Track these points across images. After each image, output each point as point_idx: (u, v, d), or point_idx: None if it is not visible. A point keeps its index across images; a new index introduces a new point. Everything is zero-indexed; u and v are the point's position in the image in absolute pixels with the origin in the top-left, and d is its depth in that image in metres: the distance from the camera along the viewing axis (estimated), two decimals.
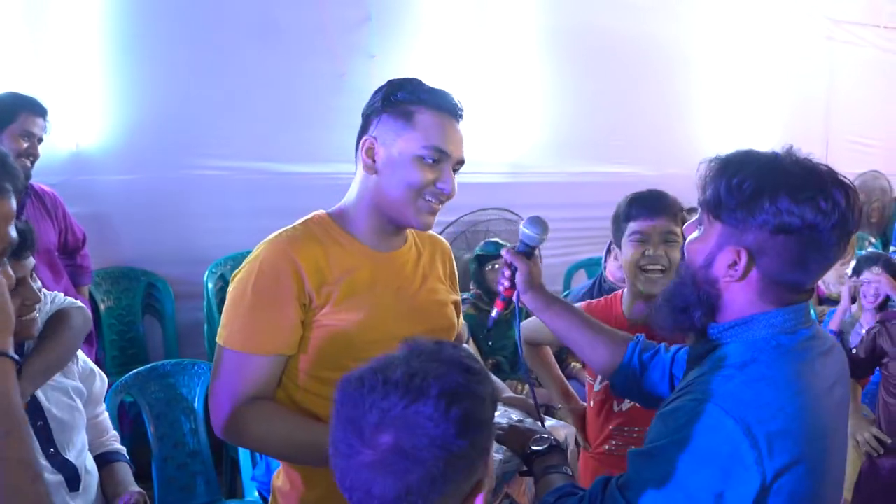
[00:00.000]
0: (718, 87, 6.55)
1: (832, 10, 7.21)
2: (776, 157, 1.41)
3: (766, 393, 1.32)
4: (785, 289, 1.40)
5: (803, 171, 1.37)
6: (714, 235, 1.42)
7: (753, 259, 1.37)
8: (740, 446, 1.28)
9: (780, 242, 1.34)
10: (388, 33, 5.06)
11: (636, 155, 6.04)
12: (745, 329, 1.41)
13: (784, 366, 1.36)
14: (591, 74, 5.83)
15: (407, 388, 1.08)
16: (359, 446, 1.08)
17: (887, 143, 7.66)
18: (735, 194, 1.37)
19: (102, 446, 2.33)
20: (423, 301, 1.89)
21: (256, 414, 1.69)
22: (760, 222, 1.34)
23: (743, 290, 1.41)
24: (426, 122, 1.73)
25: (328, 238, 1.78)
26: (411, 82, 1.77)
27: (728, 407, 1.30)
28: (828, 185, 1.34)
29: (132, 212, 4.46)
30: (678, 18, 6.27)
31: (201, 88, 4.55)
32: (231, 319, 1.72)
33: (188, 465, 3.15)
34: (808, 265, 1.38)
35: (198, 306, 4.53)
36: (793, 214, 1.32)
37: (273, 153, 4.80)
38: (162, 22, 4.44)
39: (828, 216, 1.32)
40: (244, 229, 4.69)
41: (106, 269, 4.41)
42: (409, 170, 1.72)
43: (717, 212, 1.40)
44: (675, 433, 1.34)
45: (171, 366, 3.25)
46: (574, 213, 5.72)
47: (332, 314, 1.72)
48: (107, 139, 4.40)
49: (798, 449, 1.30)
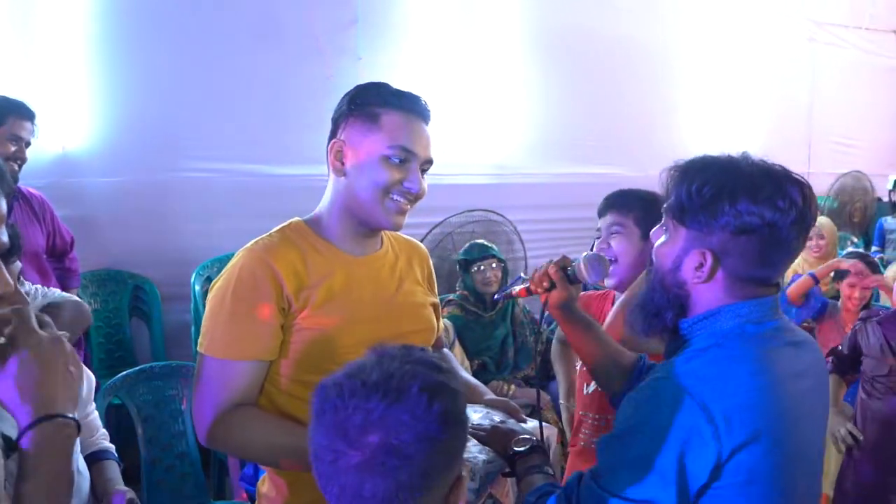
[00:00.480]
0: (702, 89, 6.61)
1: (814, 13, 7.28)
2: (733, 161, 1.46)
3: (726, 370, 1.39)
4: (751, 284, 1.46)
5: (760, 172, 1.42)
6: (679, 240, 1.47)
7: (719, 260, 1.43)
8: (697, 421, 1.32)
9: (743, 242, 1.40)
10: (374, 35, 5.08)
11: (620, 156, 6.08)
12: (712, 321, 1.47)
13: (747, 349, 1.42)
14: (576, 76, 5.87)
15: (387, 388, 1.11)
16: (345, 449, 1.10)
17: (869, 143, 7.74)
18: (696, 199, 1.42)
19: (93, 445, 2.34)
20: (401, 303, 1.91)
21: (239, 420, 1.70)
22: (722, 224, 1.40)
23: (710, 289, 1.46)
24: (392, 123, 1.74)
25: (305, 244, 1.80)
26: (378, 86, 1.80)
27: (686, 383, 1.36)
28: (784, 184, 1.40)
29: (119, 214, 4.46)
30: (662, 21, 6.31)
31: (188, 91, 4.56)
32: (211, 327, 1.73)
33: (176, 466, 3.16)
34: (771, 261, 1.43)
35: (185, 308, 4.53)
36: (752, 214, 1.38)
37: (260, 155, 4.81)
38: (148, 24, 4.44)
39: (786, 214, 1.38)
40: (231, 231, 4.69)
41: (93, 272, 4.41)
42: (375, 170, 1.74)
43: (681, 217, 1.46)
44: (636, 412, 1.41)
45: (160, 368, 3.26)
46: (559, 214, 5.77)
47: (311, 318, 1.73)
48: (93, 142, 4.40)
49: (757, 424, 1.35)
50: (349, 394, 1.12)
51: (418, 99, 1.80)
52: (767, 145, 6.77)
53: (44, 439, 1.24)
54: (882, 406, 2.91)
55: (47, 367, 1.27)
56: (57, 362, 1.28)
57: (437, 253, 5.15)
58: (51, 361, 1.28)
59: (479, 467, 1.63)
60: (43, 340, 1.28)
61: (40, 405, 1.25)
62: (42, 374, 1.26)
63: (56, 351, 1.29)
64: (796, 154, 7.30)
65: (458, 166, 5.31)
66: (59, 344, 1.30)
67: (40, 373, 1.26)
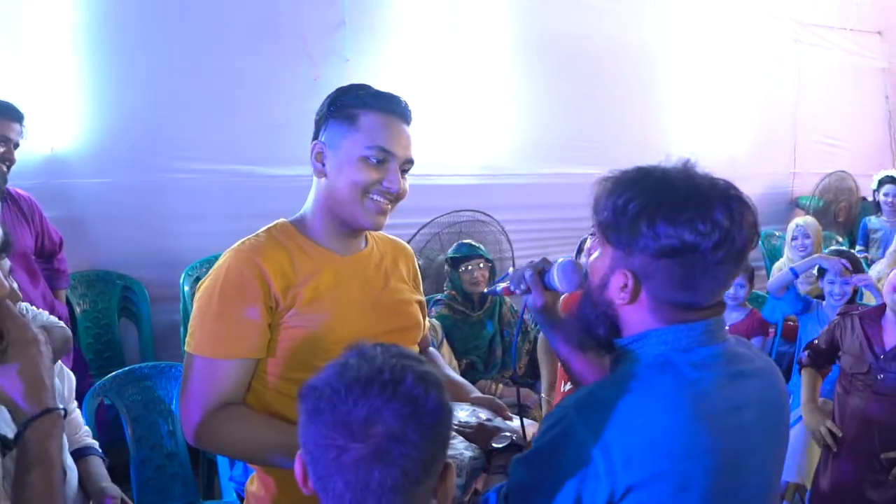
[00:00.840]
0: (688, 90, 6.64)
1: (800, 14, 7.31)
2: (665, 177, 1.36)
3: (635, 406, 1.30)
4: (677, 308, 1.38)
5: (686, 191, 1.33)
6: (607, 257, 1.40)
7: (639, 282, 1.36)
8: (591, 453, 1.27)
9: (663, 265, 1.32)
10: (362, 37, 5.09)
11: (607, 156, 6.06)
12: (639, 345, 1.40)
13: (663, 383, 1.34)
14: (563, 77, 5.89)
15: (382, 381, 1.13)
16: (347, 444, 1.11)
17: (854, 144, 7.78)
18: (619, 217, 1.35)
19: (77, 442, 2.36)
20: (388, 300, 1.93)
21: (226, 419, 1.71)
22: (642, 246, 1.32)
23: (636, 310, 1.39)
24: (370, 124, 1.76)
25: (291, 244, 1.82)
26: (358, 87, 1.81)
27: (586, 414, 1.31)
28: (709, 205, 1.31)
29: (107, 215, 4.46)
30: (648, 23, 6.34)
31: (176, 91, 4.56)
32: (198, 327, 1.75)
33: (166, 466, 3.17)
34: (695, 285, 1.35)
35: (174, 309, 4.54)
36: (671, 237, 1.30)
37: (248, 156, 4.82)
38: (136, 25, 4.45)
39: (707, 237, 1.29)
40: (220, 232, 4.68)
41: (81, 273, 4.41)
42: (354, 170, 1.75)
43: (607, 234, 1.39)
44: (540, 438, 1.36)
45: (149, 369, 3.28)
46: (546, 214, 5.80)
47: (298, 316, 1.75)
48: (82, 142, 4.40)
49: (663, 464, 1.28)
50: (346, 390, 1.13)
51: (398, 99, 1.81)
52: (754, 146, 6.84)
53: (44, 431, 1.29)
54: (860, 403, 2.93)
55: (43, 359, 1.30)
56: (46, 354, 1.31)
57: (425, 253, 5.17)
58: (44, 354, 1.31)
59: (466, 463, 1.64)
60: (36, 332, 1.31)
61: (40, 399, 1.28)
62: (37, 368, 1.30)
63: (43, 342, 1.35)
64: (782, 154, 7.35)
65: (445, 167, 5.33)
66: (42, 335, 1.36)
67: (36, 367, 1.29)
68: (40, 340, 1.33)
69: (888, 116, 8.07)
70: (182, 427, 1.79)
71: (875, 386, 2.88)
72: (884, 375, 2.85)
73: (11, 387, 1.30)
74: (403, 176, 1.82)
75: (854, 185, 7.52)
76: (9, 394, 1.30)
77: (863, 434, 2.90)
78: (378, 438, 1.10)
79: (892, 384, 2.80)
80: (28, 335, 1.31)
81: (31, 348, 1.32)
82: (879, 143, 8.09)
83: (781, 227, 6.67)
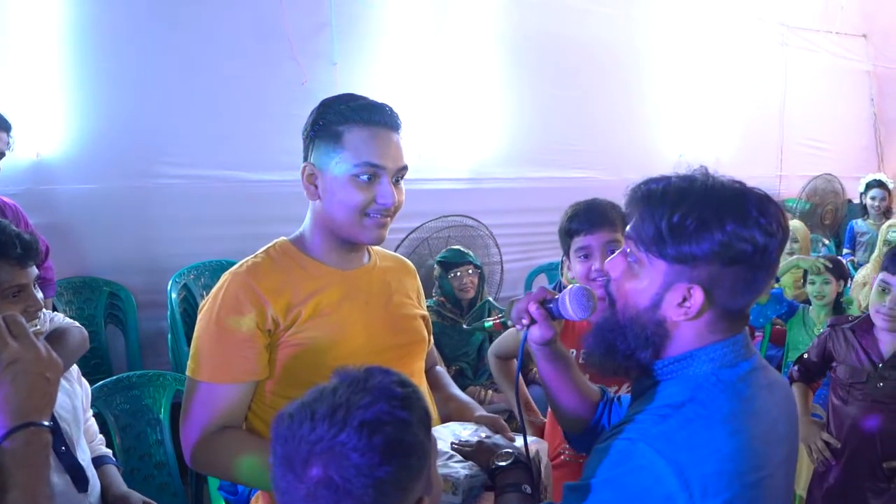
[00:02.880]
0: (675, 92, 6.65)
1: (787, 17, 7.34)
2: (707, 183, 1.34)
3: (701, 433, 1.27)
4: (735, 317, 1.37)
5: (740, 195, 1.32)
6: (658, 274, 1.34)
7: (709, 293, 1.32)
8: (671, 487, 1.24)
9: (735, 272, 1.30)
10: (349, 40, 5.08)
11: (594, 160, 6.11)
12: (685, 365, 1.37)
13: (722, 404, 1.31)
14: (550, 82, 5.90)
15: (332, 421, 1.13)
16: (294, 482, 1.12)
17: (840, 146, 7.82)
18: (678, 230, 1.30)
19: (94, 451, 2.37)
20: (392, 315, 1.92)
21: (224, 444, 1.72)
22: (711, 255, 1.29)
23: (694, 326, 1.35)
24: (355, 140, 1.72)
25: (291, 263, 1.82)
26: (340, 100, 1.77)
27: (660, 447, 1.26)
28: (765, 204, 1.32)
29: (94, 221, 4.44)
30: (635, 26, 6.35)
31: (162, 97, 4.54)
32: (197, 351, 1.76)
33: (154, 476, 3.15)
34: (758, 286, 1.34)
35: (161, 316, 4.51)
36: (744, 240, 1.28)
37: (235, 161, 4.80)
38: (122, 31, 4.43)
39: (774, 236, 1.30)
40: (207, 238, 4.70)
41: (67, 279, 4.38)
42: (346, 192, 1.73)
43: (660, 249, 1.33)
44: (607, 471, 1.30)
45: (137, 377, 3.24)
46: (534, 219, 5.79)
47: (297, 334, 1.75)
48: (68, 148, 4.38)
49: (731, 491, 1.26)
50: (297, 424, 1.14)
51: (382, 108, 1.77)
52: (740, 148, 6.86)
53: (19, 448, 1.25)
54: (858, 412, 2.93)
55: (22, 377, 1.28)
56: (30, 371, 1.29)
57: (414, 259, 5.15)
58: (25, 371, 1.29)
59: (462, 481, 1.63)
60: (15, 349, 1.29)
61: (15, 415, 1.26)
62: (16, 384, 1.28)
63: (29, 359, 1.30)
64: (768, 157, 7.38)
65: (433, 171, 5.33)
66: (32, 350, 1.31)
67: (15, 382, 1.27)
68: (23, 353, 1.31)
69: (873, 119, 8.11)
70: (182, 450, 1.79)
71: (875, 394, 2.88)
72: (884, 383, 2.85)
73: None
74: (398, 185, 1.80)
75: (840, 187, 7.56)
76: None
77: (864, 443, 2.89)
78: (314, 482, 1.11)
79: (892, 392, 2.80)
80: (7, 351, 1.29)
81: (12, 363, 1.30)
82: (865, 146, 8.14)
83: None
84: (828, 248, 6.65)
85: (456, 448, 1.73)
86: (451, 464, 1.68)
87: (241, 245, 4.70)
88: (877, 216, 6.45)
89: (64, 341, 2.22)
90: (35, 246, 2.09)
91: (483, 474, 1.67)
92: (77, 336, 2.30)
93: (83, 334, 2.35)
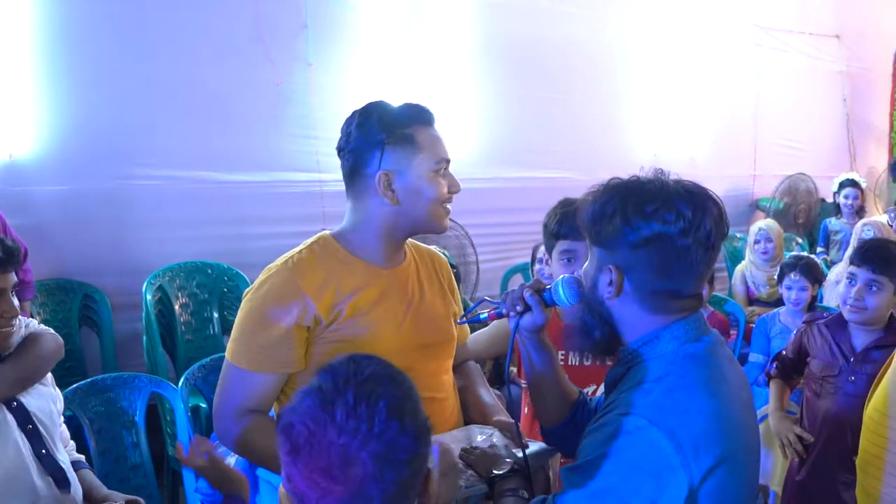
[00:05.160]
0: (649, 93, 6.67)
1: (761, 18, 7.39)
2: (636, 181, 1.53)
3: (684, 399, 1.43)
4: (661, 297, 1.52)
5: (654, 189, 1.49)
6: (594, 258, 1.56)
7: (622, 274, 1.50)
8: (666, 452, 1.37)
9: (642, 255, 1.48)
10: (324, 42, 5.07)
11: (569, 161, 6.12)
12: (653, 345, 1.52)
13: (697, 373, 1.48)
14: (525, 83, 5.91)
15: (357, 421, 1.15)
16: (332, 485, 1.15)
17: (813, 146, 7.88)
18: (600, 219, 1.51)
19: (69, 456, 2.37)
20: (423, 314, 2.00)
21: (255, 428, 1.85)
22: (621, 241, 1.48)
23: (625, 304, 1.53)
24: (426, 141, 1.90)
25: (334, 260, 1.90)
26: (385, 106, 1.91)
27: (651, 416, 1.40)
28: (672, 198, 1.47)
29: (67, 223, 4.42)
30: (610, 27, 6.37)
31: (136, 97, 4.52)
32: (237, 336, 1.88)
33: (130, 479, 3.13)
34: (672, 272, 1.49)
35: (136, 317, 4.48)
36: (642, 228, 1.46)
37: (210, 162, 4.77)
38: (95, 31, 4.40)
39: (672, 224, 1.45)
40: (182, 239, 4.68)
41: (41, 281, 4.33)
42: (430, 187, 1.89)
43: (591, 236, 1.55)
44: (603, 446, 1.42)
45: (112, 379, 3.22)
46: (510, 219, 5.82)
47: (336, 331, 1.85)
48: (41, 149, 4.34)
49: (720, 448, 1.41)
50: (321, 432, 1.16)
51: (427, 108, 1.96)
52: (714, 148, 6.91)
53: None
54: (831, 405, 2.97)
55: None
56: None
57: None
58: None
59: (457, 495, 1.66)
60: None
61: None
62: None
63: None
64: (742, 156, 7.42)
65: None
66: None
67: None
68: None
69: (846, 119, 8.18)
70: (214, 426, 1.92)
71: (847, 388, 2.92)
72: (855, 377, 2.90)
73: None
74: None
75: (813, 186, 7.62)
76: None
77: (835, 436, 2.94)
78: (357, 480, 1.14)
79: (863, 386, 2.84)
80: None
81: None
82: (838, 146, 8.20)
83: (742, 228, 6.75)
84: (801, 246, 6.72)
85: (462, 456, 1.77)
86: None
87: (217, 246, 4.73)
88: (850, 215, 6.52)
89: (38, 347, 2.21)
90: (17, 253, 2.13)
91: (480, 484, 1.71)
92: (51, 342, 2.30)
93: (58, 341, 2.34)
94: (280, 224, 4.67)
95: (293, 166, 4.85)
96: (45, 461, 2.11)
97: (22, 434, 2.09)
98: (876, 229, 5.01)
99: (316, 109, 4.96)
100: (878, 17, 8.25)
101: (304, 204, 4.84)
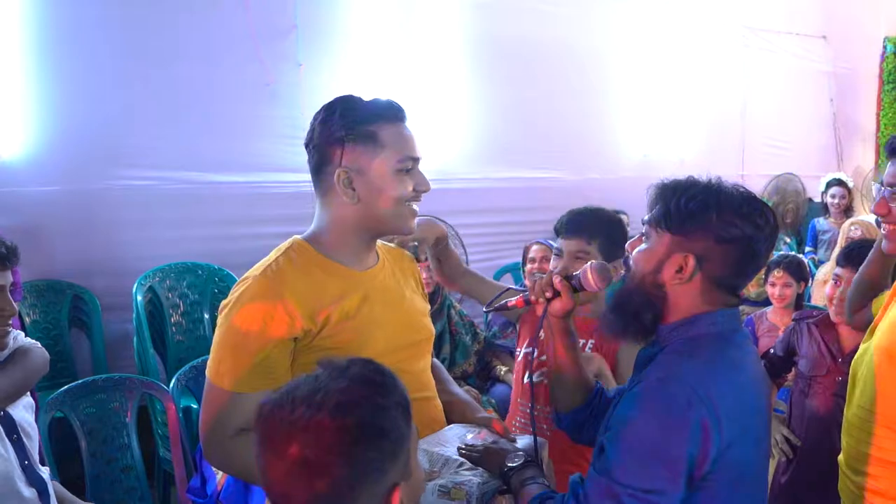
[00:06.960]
0: (638, 94, 6.70)
1: (749, 19, 7.43)
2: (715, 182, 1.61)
3: (719, 371, 1.53)
4: (723, 291, 1.61)
5: (742, 194, 1.60)
6: (662, 245, 1.61)
7: (699, 263, 1.57)
8: (704, 415, 1.46)
9: (723, 250, 1.56)
10: (314, 41, 5.08)
11: (558, 161, 6.15)
12: (689, 327, 1.60)
13: (730, 353, 1.59)
14: (514, 83, 5.92)
15: (310, 403, 1.18)
16: (274, 460, 1.18)
17: (801, 146, 7.92)
18: (683, 209, 1.57)
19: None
20: (406, 313, 1.97)
21: (243, 445, 1.71)
22: (706, 233, 1.56)
23: (687, 292, 1.60)
24: (390, 137, 1.81)
25: (312, 266, 1.83)
26: (350, 101, 1.83)
27: (692, 382, 1.48)
28: (762, 206, 1.60)
29: (57, 224, 4.41)
30: (599, 27, 6.40)
31: (125, 98, 4.52)
32: (219, 356, 1.75)
33: (122, 480, 3.14)
34: (744, 271, 1.61)
35: (126, 318, 4.48)
36: (735, 227, 1.55)
37: (200, 163, 4.77)
38: (84, 31, 4.40)
39: (762, 230, 1.57)
40: (172, 240, 4.68)
41: (31, 282, 4.32)
42: (392, 186, 1.81)
43: (667, 224, 1.60)
44: (643, 409, 1.51)
45: (103, 381, 3.22)
46: (499, 218, 5.83)
47: (327, 338, 1.77)
48: (30, 150, 4.34)
49: (741, 423, 1.51)
50: (279, 407, 1.20)
51: (396, 104, 1.87)
52: (703, 148, 6.93)
53: None
54: (818, 404, 2.98)
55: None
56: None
57: None
58: None
59: (474, 489, 1.65)
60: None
61: None
62: None
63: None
64: (730, 156, 7.45)
65: None
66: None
67: None
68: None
69: (833, 119, 8.22)
70: (202, 447, 1.82)
71: (834, 388, 2.93)
72: (843, 378, 2.90)
73: None
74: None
75: (801, 186, 7.66)
76: None
77: (823, 435, 2.95)
78: (291, 459, 1.16)
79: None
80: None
81: None
82: (825, 145, 8.24)
83: None
84: (789, 245, 6.75)
85: (464, 454, 1.76)
86: (462, 472, 1.71)
87: (207, 247, 4.73)
88: (837, 214, 6.57)
89: (28, 361, 2.21)
90: (15, 250, 2.11)
91: (494, 479, 1.71)
92: (40, 357, 2.28)
93: (45, 356, 2.34)
94: (270, 225, 4.61)
95: (283, 167, 4.82)
96: (28, 472, 2.10)
97: (8, 443, 2.09)
98: (863, 229, 5.04)
99: (306, 110, 4.94)
100: (864, 18, 8.30)
101: (294, 205, 4.79)
